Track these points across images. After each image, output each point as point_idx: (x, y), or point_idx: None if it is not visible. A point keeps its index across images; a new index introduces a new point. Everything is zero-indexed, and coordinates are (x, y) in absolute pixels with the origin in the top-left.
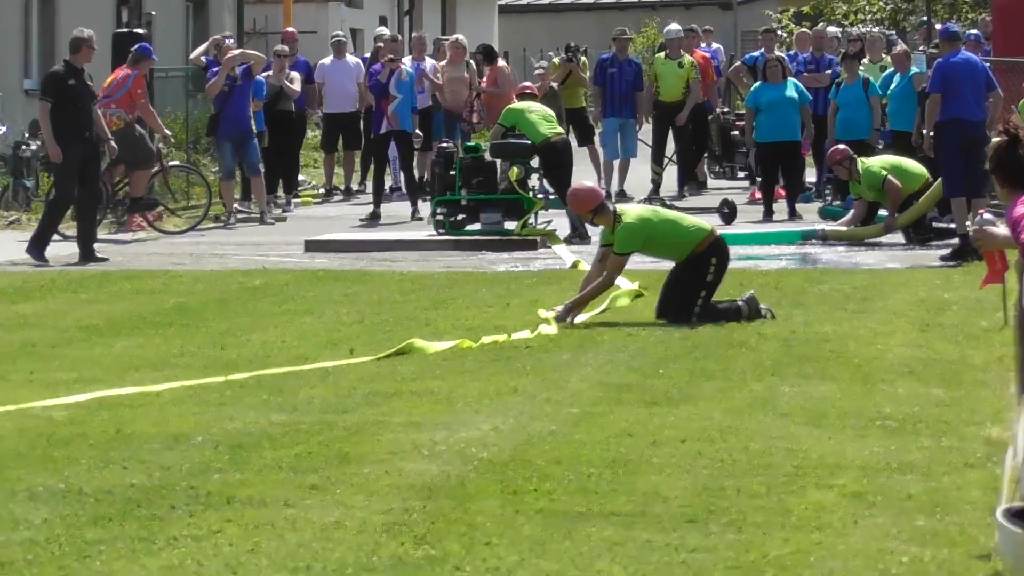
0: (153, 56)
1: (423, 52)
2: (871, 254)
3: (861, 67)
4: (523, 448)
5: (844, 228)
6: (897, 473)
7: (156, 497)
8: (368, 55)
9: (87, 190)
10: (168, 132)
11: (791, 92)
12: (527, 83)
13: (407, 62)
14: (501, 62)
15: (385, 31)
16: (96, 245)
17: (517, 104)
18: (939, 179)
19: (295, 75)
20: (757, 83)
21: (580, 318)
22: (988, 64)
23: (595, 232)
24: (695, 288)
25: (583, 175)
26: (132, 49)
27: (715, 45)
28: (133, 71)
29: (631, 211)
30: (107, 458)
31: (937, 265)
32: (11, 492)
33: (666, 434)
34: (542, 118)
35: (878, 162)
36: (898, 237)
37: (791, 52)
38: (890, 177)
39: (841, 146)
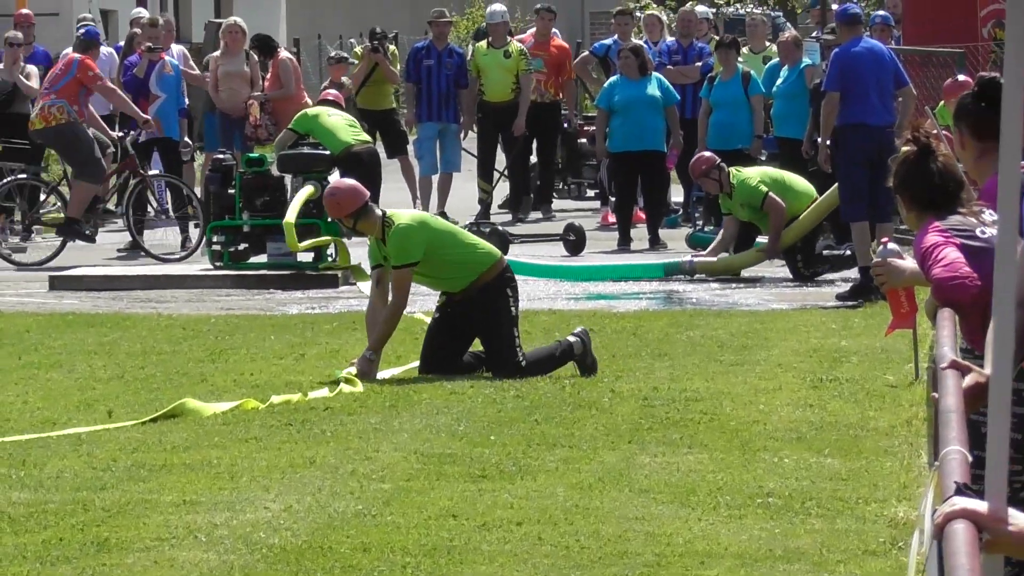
0: (102, 41)
1: (170, 39)
2: (751, 292)
3: (740, 58)
4: (323, 532)
5: (715, 258)
6: (782, 562)
7: None
8: (122, 43)
9: None
10: (149, 117)
11: (653, 90)
12: (331, 90)
13: (176, 52)
14: (284, 54)
15: (144, 12)
16: None
17: (313, 108)
18: (827, 193)
19: (32, 69)
20: (614, 77)
21: (389, 372)
22: (898, 55)
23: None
24: (505, 326)
25: (395, 194)
26: (79, 34)
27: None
28: (76, 57)
29: (403, 213)
30: None
31: (833, 306)
32: None
33: (498, 515)
34: (344, 123)
35: (756, 174)
36: (784, 271)
37: (658, 41)
38: (771, 195)
39: (706, 153)
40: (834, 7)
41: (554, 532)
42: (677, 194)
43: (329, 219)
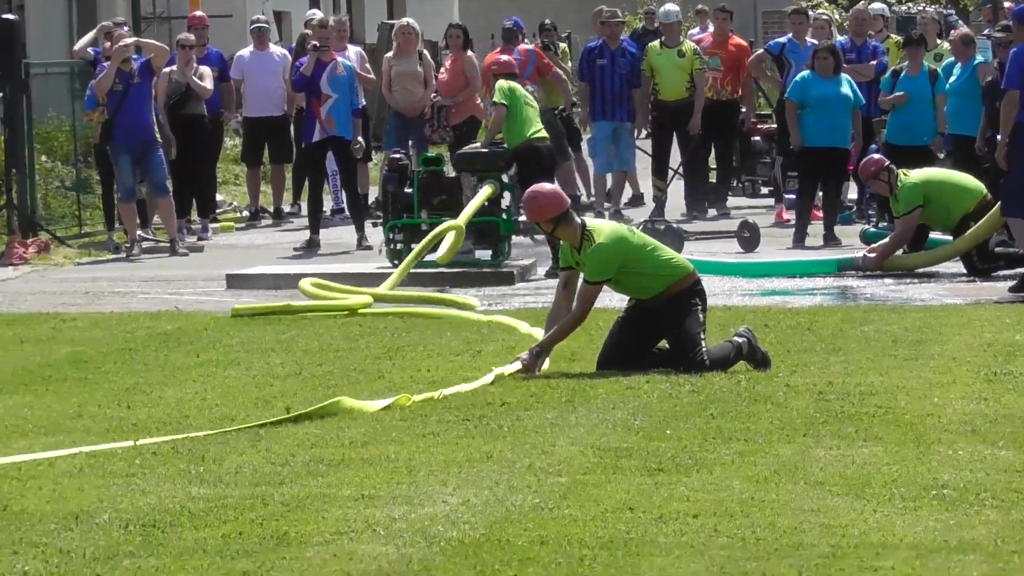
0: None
1: (343, 39)
2: (925, 287)
3: (924, 54)
4: (500, 526)
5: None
6: (957, 553)
7: None
8: (295, 44)
9: None
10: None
11: (845, 90)
12: (504, 57)
13: (353, 53)
14: (469, 52)
15: (317, 13)
16: None
17: (508, 83)
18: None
19: (205, 70)
20: (804, 73)
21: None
22: None
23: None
24: (693, 329)
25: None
26: None
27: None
28: None
29: (603, 227)
30: None
31: (1007, 300)
32: None
33: (675, 508)
34: (532, 112)
35: (921, 181)
36: (958, 266)
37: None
38: (915, 211)
39: (876, 156)
40: (1007, 5)
41: (730, 524)
42: (851, 191)
43: (515, 219)
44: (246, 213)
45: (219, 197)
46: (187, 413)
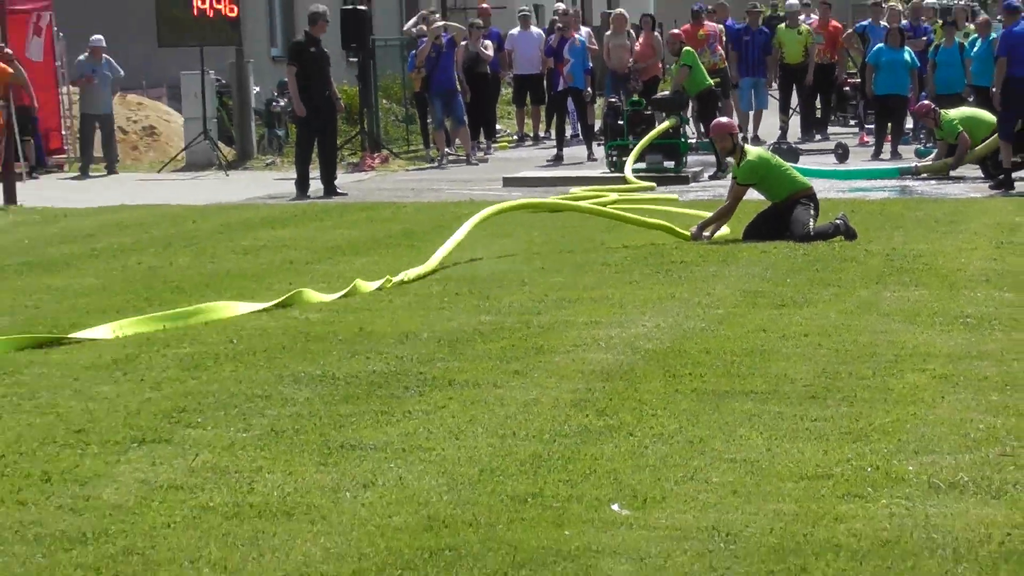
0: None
1: (577, 23)
2: (957, 186)
3: (956, 33)
4: (680, 341)
5: (932, 164)
6: (976, 360)
7: (393, 380)
8: (547, 26)
9: (327, 138)
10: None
11: (907, 56)
12: (676, 31)
13: (584, 32)
14: (656, 32)
15: (561, 6)
16: (337, 182)
17: (689, 50)
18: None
19: (489, 43)
20: (879, 45)
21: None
22: None
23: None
24: (805, 214)
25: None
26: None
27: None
28: None
29: (753, 150)
30: (353, 350)
31: (1015, 194)
32: (280, 376)
33: (792, 330)
34: (704, 71)
35: (957, 115)
36: (978, 172)
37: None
38: (962, 133)
39: (925, 102)
40: None
41: (828, 340)
42: (909, 123)
43: (689, 141)
44: (515, 137)
45: (498, 127)
46: (478, 264)
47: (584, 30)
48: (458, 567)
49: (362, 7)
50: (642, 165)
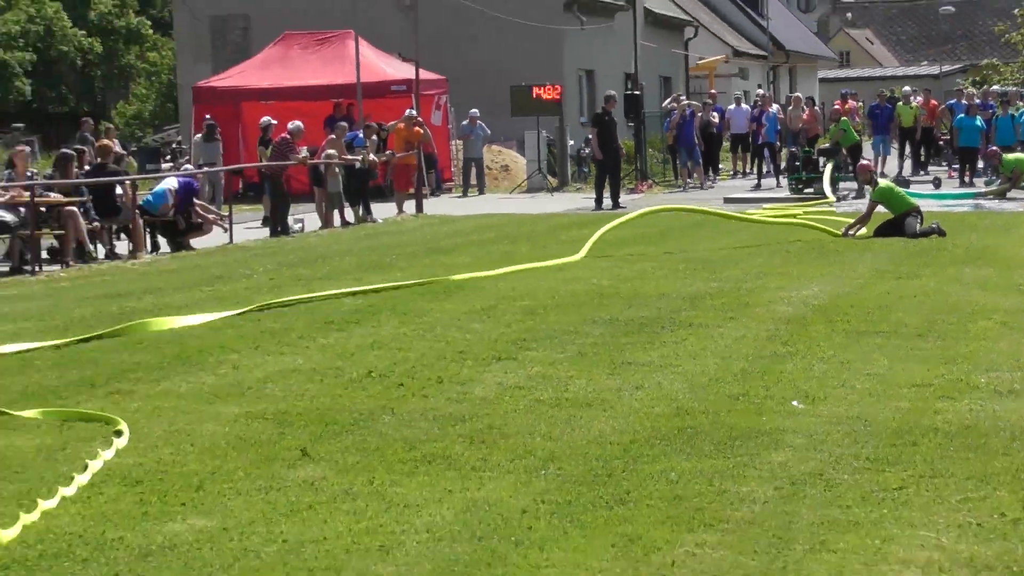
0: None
1: (770, 102)
2: (1010, 203)
3: (1010, 107)
4: (834, 299)
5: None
6: None
7: (655, 323)
8: (752, 103)
9: (615, 172)
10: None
11: (978, 122)
12: (836, 107)
13: (774, 107)
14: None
15: (760, 91)
16: (620, 199)
17: (846, 118)
18: None
19: (715, 114)
20: (961, 115)
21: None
22: None
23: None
24: (913, 224)
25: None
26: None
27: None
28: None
29: (883, 182)
30: (630, 303)
31: None
32: (583, 320)
33: (906, 292)
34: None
35: (1012, 158)
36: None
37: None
38: (1015, 168)
39: (992, 148)
40: None
41: (929, 300)
42: (979, 164)
43: (839, 175)
44: (731, 173)
45: (720, 166)
46: (709, 251)
47: (775, 106)
48: (696, 439)
49: (636, 92)
50: (810, 191)
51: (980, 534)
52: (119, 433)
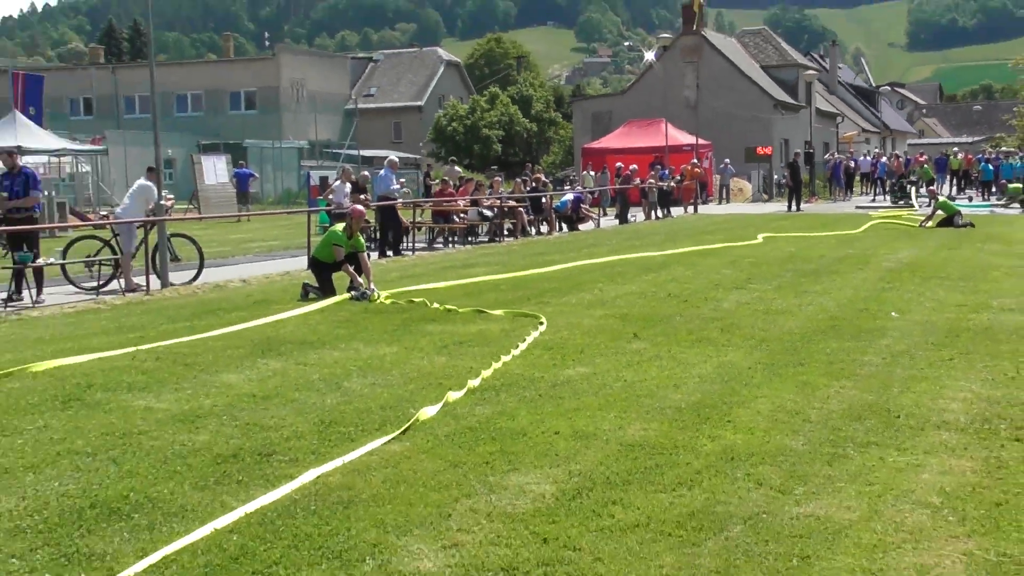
0: None
1: None
2: (1012, 211)
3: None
4: (920, 259)
5: None
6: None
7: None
8: None
9: (797, 191)
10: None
11: (991, 167)
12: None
13: None
14: None
15: None
16: None
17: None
18: None
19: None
20: (984, 163)
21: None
22: None
23: None
24: (959, 220)
25: None
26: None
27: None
28: None
29: (941, 198)
30: (805, 261)
31: None
32: (782, 269)
33: (956, 257)
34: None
35: (1013, 187)
36: None
37: None
38: (1013, 194)
39: (1002, 181)
40: None
41: (967, 261)
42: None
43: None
44: None
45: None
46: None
47: (884, 158)
48: (840, 331)
49: (810, 151)
50: (902, 203)
51: (993, 384)
52: (541, 323)
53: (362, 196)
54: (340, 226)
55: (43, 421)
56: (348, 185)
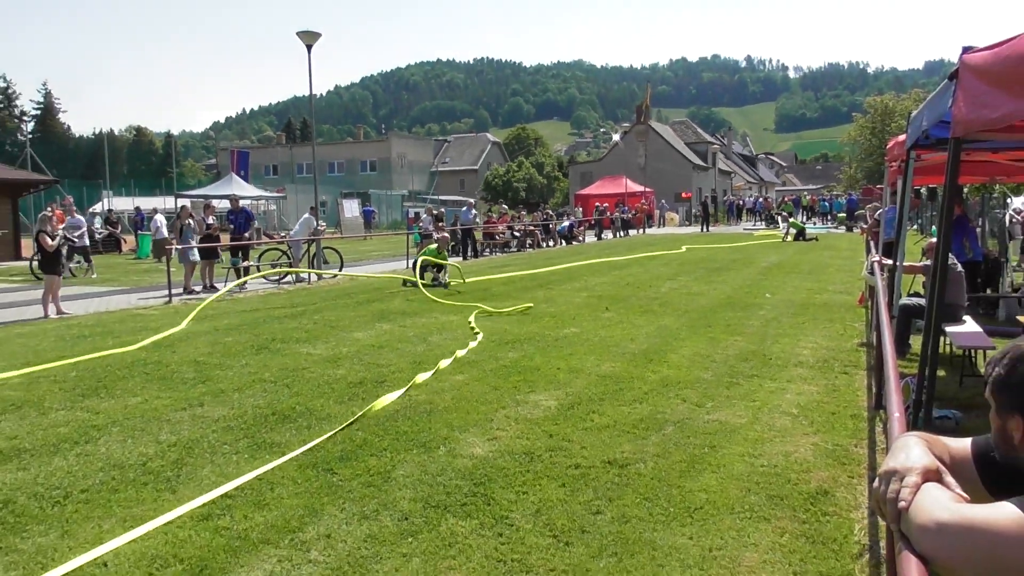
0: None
1: None
2: None
3: None
4: (779, 263)
5: None
6: None
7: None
8: None
9: None
10: None
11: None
12: None
13: None
14: None
15: None
16: None
17: None
18: None
19: None
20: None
21: None
22: None
23: None
24: (810, 238)
25: None
26: None
27: None
28: None
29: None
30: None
31: None
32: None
33: (806, 258)
34: None
35: None
36: None
37: None
38: None
39: None
40: None
41: None
42: None
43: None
44: None
45: None
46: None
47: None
48: (733, 307)
49: None
50: (772, 226)
51: (830, 338)
52: (530, 307)
53: (440, 223)
54: (434, 246)
55: (244, 361)
56: (430, 217)
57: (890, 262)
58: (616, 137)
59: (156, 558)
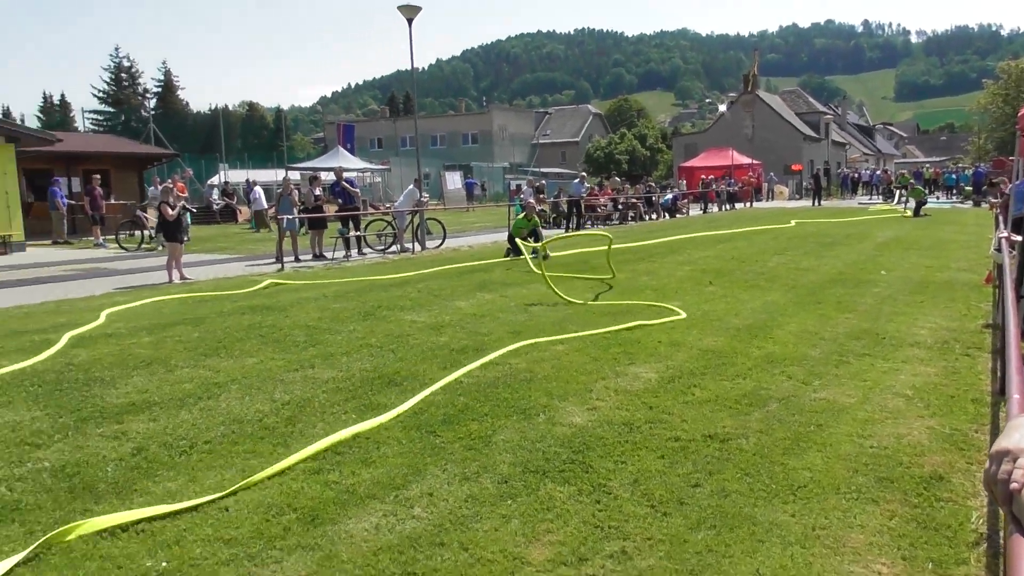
0: None
1: None
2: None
3: None
4: (896, 239)
5: None
6: None
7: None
8: None
9: None
10: None
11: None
12: None
13: None
14: None
15: None
16: None
17: None
18: None
19: None
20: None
21: None
22: None
23: None
24: (924, 213)
25: None
26: None
27: None
28: None
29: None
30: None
31: None
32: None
33: (927, 235)
34: None
35: None
36: None
37: None
38: None
39: None
40: None
41: None
42: None
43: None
44: None
45: None
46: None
47: None
48: (846, 282)
49: None
50: (890, 201)
51: (950, 318)
52: (609, 285)
53: (540, 195)
54: (522, 215)
55: (352, 327)
56: (531, 189)
57: (1019, 239)
58: (722, 108)
59: (272, 506)
